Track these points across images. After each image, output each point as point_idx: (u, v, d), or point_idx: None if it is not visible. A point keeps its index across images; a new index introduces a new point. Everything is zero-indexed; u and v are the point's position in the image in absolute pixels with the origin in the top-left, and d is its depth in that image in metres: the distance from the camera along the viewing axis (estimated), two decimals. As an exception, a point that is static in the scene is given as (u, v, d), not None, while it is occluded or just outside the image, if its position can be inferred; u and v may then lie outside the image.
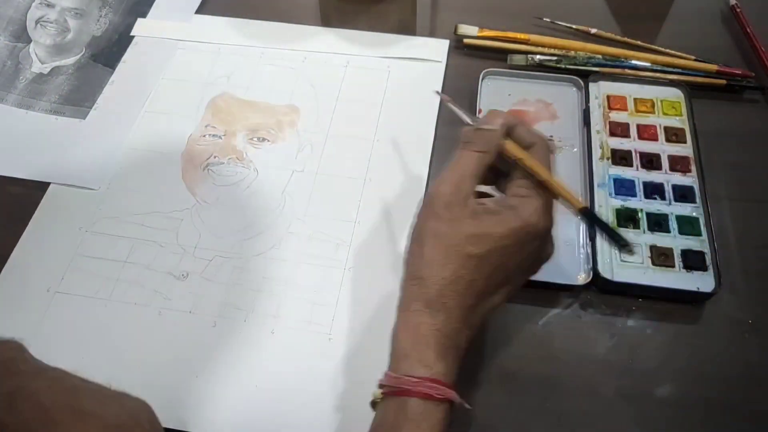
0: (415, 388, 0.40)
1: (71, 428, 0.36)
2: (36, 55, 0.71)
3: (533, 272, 0.47)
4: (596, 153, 0.60)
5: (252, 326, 0.53)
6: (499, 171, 0.46)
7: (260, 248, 0.57)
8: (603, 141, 0.61)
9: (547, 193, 0.44)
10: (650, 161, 0.60)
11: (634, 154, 0.60)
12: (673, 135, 0.61)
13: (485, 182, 0.45)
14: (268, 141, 0.64)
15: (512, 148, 0.44)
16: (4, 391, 0.36)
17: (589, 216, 0.46)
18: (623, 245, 0.44)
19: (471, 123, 0.46)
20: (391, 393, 0.41)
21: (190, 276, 0.56)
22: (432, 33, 0.72)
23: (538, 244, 0.44)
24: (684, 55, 0.68)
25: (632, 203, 0.57)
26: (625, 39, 0.70)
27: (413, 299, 0.42)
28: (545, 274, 0.53)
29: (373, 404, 0.42)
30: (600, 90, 0.64)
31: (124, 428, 0.37)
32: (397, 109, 0.66)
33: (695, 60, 0.67)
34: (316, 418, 0.49)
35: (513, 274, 0.44)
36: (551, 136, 0.62)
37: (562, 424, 0.49)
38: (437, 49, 0.70)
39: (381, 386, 0.42)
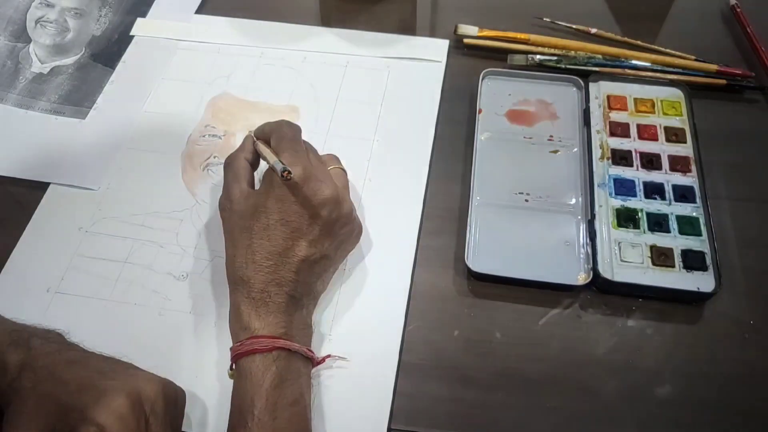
0: (242, 350, 0.45)
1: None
2: (36, 54, 0.71)
3: (333, 219, 0.50)
4: (596, 153, 0.60)
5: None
6: None
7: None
8: (603, 141, 0.61)
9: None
10: (650, 161, 0.60)
11: (634, 154, 0.60)
12: (674, 135, 0.61)
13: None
14: (268, 141, 0.64)
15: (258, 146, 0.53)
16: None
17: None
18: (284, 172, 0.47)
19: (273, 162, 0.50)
20: (234, 360, 0.46)
21: (190, 276, 0.56)
22: (432, 33, 0.72)
23: (301, 196, 0.49)
24: (684, 55, 0.68)
25: (632, 203, 0.57)
26: (625, 39, 0.70)
27: (229, 287, 0.50)
28: (545, 273, 0.54)
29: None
30: (600, 90, 0.64)
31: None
32: (396, 109, 0.66)
33: (695, 60, 0.67)
34: (316, 418, 0.49)
35: (299, 227, 0.49)
36: (551, 136, 0.62)
37: (562, 424, 0.49)
38: (437, 49, 0.70)
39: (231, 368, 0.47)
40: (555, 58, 0.68)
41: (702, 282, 0.52)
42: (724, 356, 0.51)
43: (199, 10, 0.75)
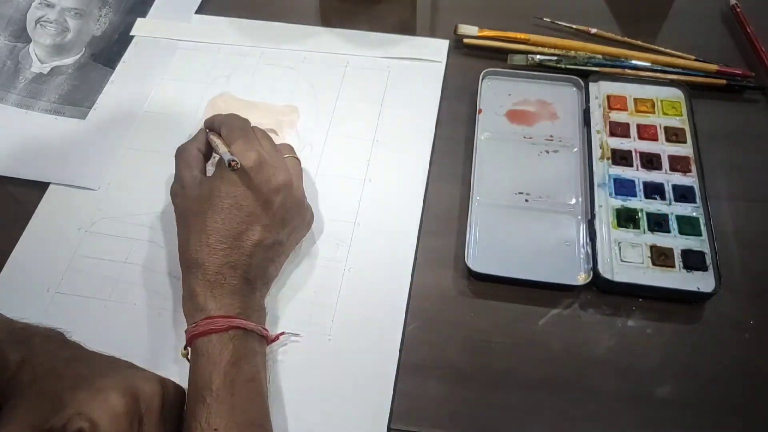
0: (197, 330, 0.46)
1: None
2: (36, 54, 0.71)
3: (287, 205, 0.51)
4: (596, 153, 0.60)
5: (252, 326, 0.53)
6: None
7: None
8: (603, 141, 0.61)
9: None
10: (650, 161, 0.60)
11: (634, 153, 0.60)
12: (673, 135, 0.61)
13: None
14: (268, 141, 0.64)
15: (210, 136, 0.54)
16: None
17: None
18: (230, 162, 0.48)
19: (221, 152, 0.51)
20: (188, 342, 0.47)
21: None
22: (432, 33, 0.72)
23: (246, 183, 0.50)
24: (684, 54, 0.68)
25: (632, 203, 0.57)
26: (625, 39, 0.70)
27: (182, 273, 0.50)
28: (545, 273, 0.54)
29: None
30: (600, 90, 0.64)
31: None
32: (396, 109, 0.66)
33: (695, 60, 0.67)
34: (316, 418, 0.49)
35: (253, 211, 0.49)
36: (551, 136, 0.62)
37: (561, 424, 0.49)
38: (437, 49, 0.70)
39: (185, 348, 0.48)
40: (555, 58, 0.68)
41: (702, 282, 0.52)
42: (724, 356, 0.51)
43: (199, 10, 0.75)
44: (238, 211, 0.49)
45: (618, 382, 0.50)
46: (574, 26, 0.71)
